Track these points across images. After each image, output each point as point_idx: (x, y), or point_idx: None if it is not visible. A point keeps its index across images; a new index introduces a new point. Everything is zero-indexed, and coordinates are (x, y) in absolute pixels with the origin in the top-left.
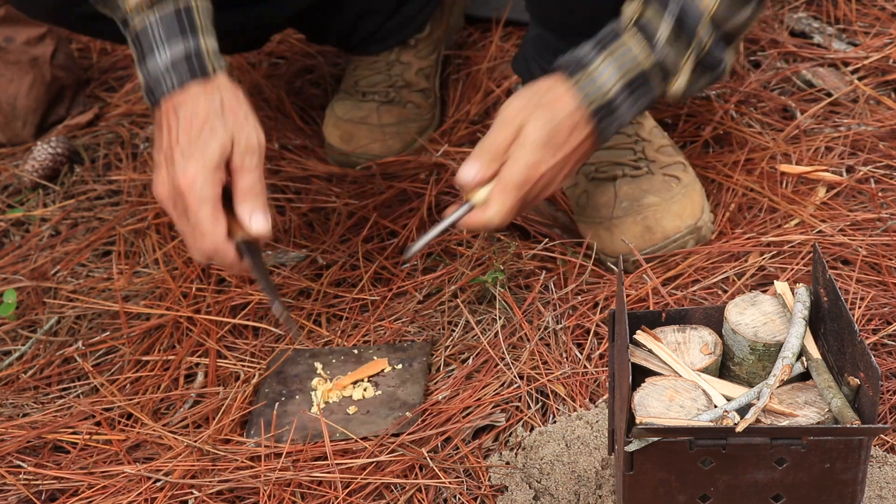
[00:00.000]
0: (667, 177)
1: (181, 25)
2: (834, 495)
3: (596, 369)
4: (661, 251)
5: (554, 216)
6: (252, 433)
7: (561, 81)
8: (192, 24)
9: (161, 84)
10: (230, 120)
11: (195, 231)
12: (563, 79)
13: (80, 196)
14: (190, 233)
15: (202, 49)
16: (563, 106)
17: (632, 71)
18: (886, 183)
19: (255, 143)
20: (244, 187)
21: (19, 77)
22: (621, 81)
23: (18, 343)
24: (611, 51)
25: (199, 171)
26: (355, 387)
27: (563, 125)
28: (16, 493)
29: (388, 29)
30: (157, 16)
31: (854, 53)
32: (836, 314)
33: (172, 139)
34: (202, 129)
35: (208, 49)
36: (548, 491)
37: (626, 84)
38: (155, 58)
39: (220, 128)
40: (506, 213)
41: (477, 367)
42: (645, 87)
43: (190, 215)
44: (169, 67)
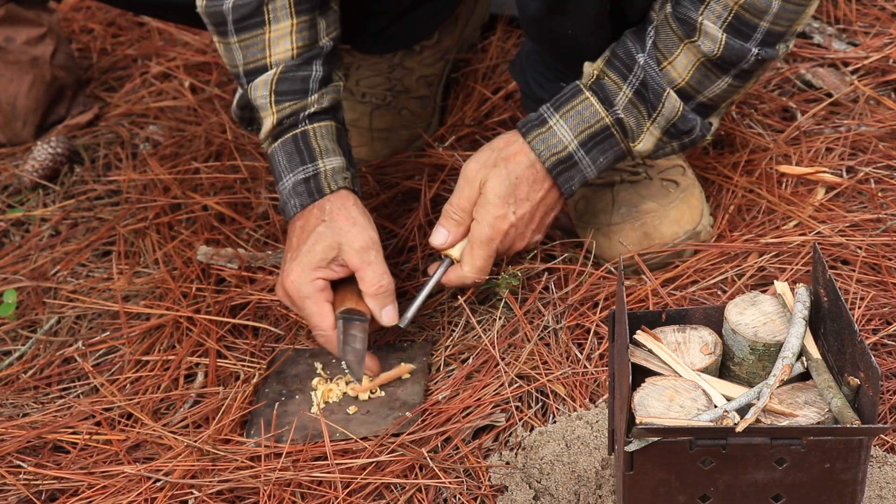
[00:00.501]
0: (665, 181)
1: (300, 154)
2: (834, 495)
3: (596, 369)
4: (659, 258)
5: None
6: (252, 433)
7: (518, 138)
8: (311, 151)
9: (288, 206)
10: (336, 227)
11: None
12: (519, 136)
13: (80, 196)
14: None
15: (320, 172)
16: (521, 161)
17: (591, 127)
18: (886, 183)
19: (367, 241)
20: (370, 282)
21: (19, 77)
22: (578, 138)
23: (18, 343)
24: (568, 108)
25: (300, 272)
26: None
27: (522, 179)
28: (16, 493)
29: (393, 31)
30: (279, 145)
31: (854, 53)
32: (836, 314)
33: (288, 246)
34: (310, 237)
35: (326, 171)
36: (548, 491)
37: (583, 141)
38: (283, 182)
39: (327, 234)
40: (479, 270)
41: (477, 367)
42: (608, 141)
43: (300, 312)
44: (291, 192)
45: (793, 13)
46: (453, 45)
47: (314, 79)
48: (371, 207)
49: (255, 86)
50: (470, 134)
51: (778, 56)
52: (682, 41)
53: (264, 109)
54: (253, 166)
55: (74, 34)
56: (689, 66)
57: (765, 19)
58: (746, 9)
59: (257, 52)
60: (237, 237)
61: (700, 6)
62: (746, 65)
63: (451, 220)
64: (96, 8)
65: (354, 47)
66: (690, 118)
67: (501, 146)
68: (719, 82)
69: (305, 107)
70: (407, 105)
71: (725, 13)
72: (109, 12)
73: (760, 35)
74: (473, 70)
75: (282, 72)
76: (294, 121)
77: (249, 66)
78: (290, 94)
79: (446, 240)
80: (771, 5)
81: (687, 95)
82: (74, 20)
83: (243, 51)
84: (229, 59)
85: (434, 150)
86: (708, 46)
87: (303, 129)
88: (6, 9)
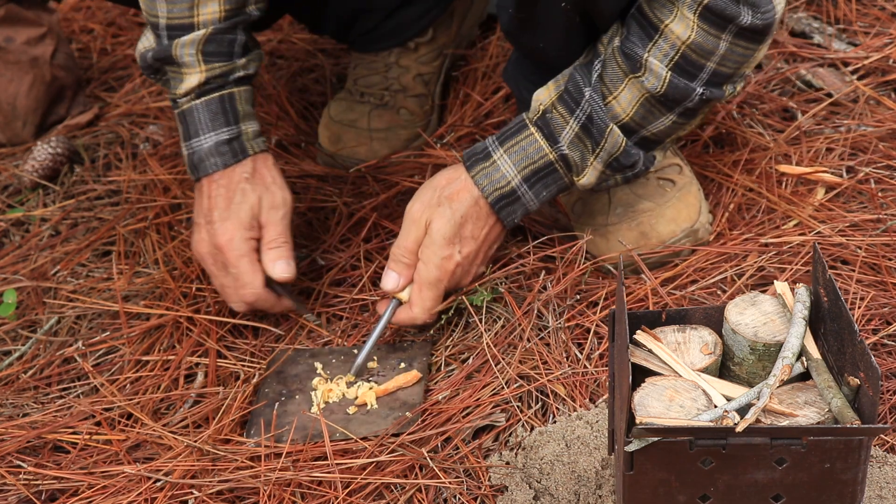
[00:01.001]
0: (661, 180)
1: (225, 115)
2: (834, 495)
3: (596, 369)
4: (657, 257)
5: (555, 218)
6: (252, 433)
7: (461, 173)
8: (235, 113)
9: (205, 163)
10: (257, 183)
11: (236, 282)
12: (463, 171)
13: (80, 196)
14: (230, 284)
15: (242, 134)
16: (464, 198)
17: (534, 163)
18: (886, 183)
19: (280, 201)
20: (269, 239)
21: (19, 77)
22: (522, 174)
23: (18, 343)
24: (513, 143)
25: (236, 229)
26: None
27: (467, 217)
28: (16, 493)
29: (385, 29)
30: (203, 102)
31: (854, 53)
32: (836, 314)
33: (213, 204)
34: (235, 194)
35: (248, 132)
36: (548, 491)
37: (526, 176)
38: (200, 140)
39: (249, 191)
40: (429, 310)
41: (477, 367)
42: (551, 176)
43: (230, 268)
44: (213, 150)
45: (741, 56)
46: (450, 42)
47: (239, 43)
48: (371, 207)
49: (181, 43)
50: (469, 134)
51: (724, 97)
52: (626, 76)
53: (191, 66)
54: None
55: (74, 34)
56: (633, 101)
57: (711, 60)
58: (693, 49)
59: (184, 9)
60: None
61: (648, 43)
62: (691, 104)
63: (400, 262)
64: (96, 8)
65: (350, 46)
66: (633, 153)
67: (444, 184)
68: (663, 119)
69: (234, 69)
70: (405, 104)
71: (672, 52)
72: (109, 12)
73: (706, 75)
74: (473, 69)
75: (210, 33)
76: (222, 82)
77: (174, 22)
78: (216, 56)
79: (398, 283)
80: (718, 46)
81: (630, 130)
82: (74, 20)
83: (168, 4)
84: (149, 6)
85: (433, 149)
86: (652, 83)
87: (229, 91)
88: (6, 9)
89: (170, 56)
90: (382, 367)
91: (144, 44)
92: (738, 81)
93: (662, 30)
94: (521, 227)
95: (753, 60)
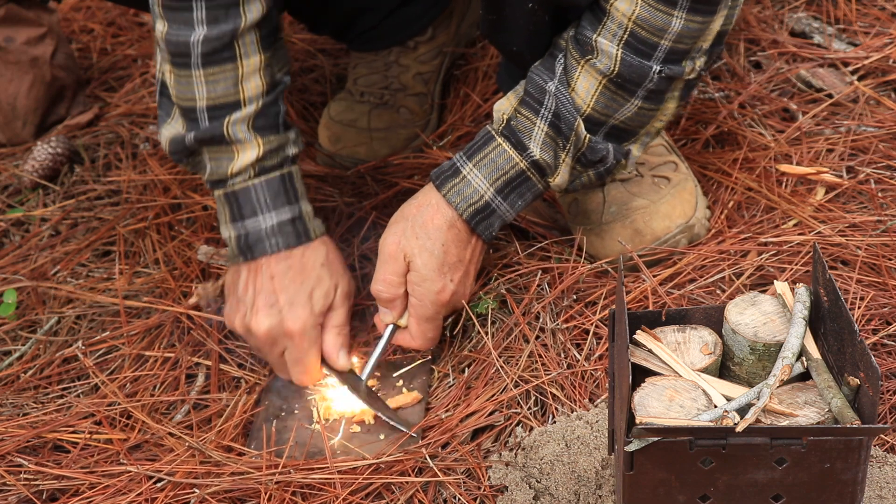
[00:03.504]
0: (656, 178)
1: (286, 194)
2: (834, 495)
3: (595, 369)
4: (652, 253)
5: (553, 218)
6: (253, 446)
7: (431, 196)
8: (295, 192)
9: (264, 244)
10: (334, 272)
11: (298, 367)
12: (433, 192)
13: (80, 196)
14: (282, 365)
15: (304, 215)
16: (439, 224)
17: (506, 174)
18: (886, 183)
19: (351, 290)
20: (335, 325)
21: (19, 77)
22: (494, 186)
23: (18, 343)
24: (481, 156)
25: (309, 317)
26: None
27: (448, 244)
28: (16, 493)
29: (385, 28)
30: (264, 182)
31: (854, 53)
32: (836, 314)
33: (278, 287)
34: (309, 279)
35: (308, 214)
36: (548, 491)
37: (499, 188)
38: (257, 219)
39: (326, 279)
40: (432, 340)
41: (476, 372)
42: (525, 185)
43: (297, 355)
44: (275, 230)
45: (696, 31)
46: (449, 41)
47: (283, 114)
48: (371, 207)
49: (232, 121)
50: (469, 133)
51: (684, 73)
52: (579, 62)
53: (246, 142)
54: None
55: (74, 34)
56: (591, 89)
57: (665, 37)
58: (642, 26)
59: (229, 86)
60: None
61: (598, 26)
62: (651, 84)
63: (386, 299)
64: (96, 8)
65: (350, 45)
66: (599, 148)
67: (415, 212)
68: (628, 105)
69: (287, 143)
70: (405, 103)
71: (620, 31)
72: (109, 12)
73: (662, 53)
74: (473, 69)
75: (260, 108)
76: (282, 158)
77: (216, 102)
78: (268, 130)
79: (394, 318)
80: (671, 23)
81: (596, 121)
82: (74, 20)
83: (208, 85)
84: (184, 91)
85: (433, 149)
86: (605, 64)
87: (288, 169)
88: (6, 9)
89: (220, 135)
90: (382, 385)
91: (172, 130)
92: (696, 57)
93: (609, 10)
94: (520, 228)
95: (710, 33)
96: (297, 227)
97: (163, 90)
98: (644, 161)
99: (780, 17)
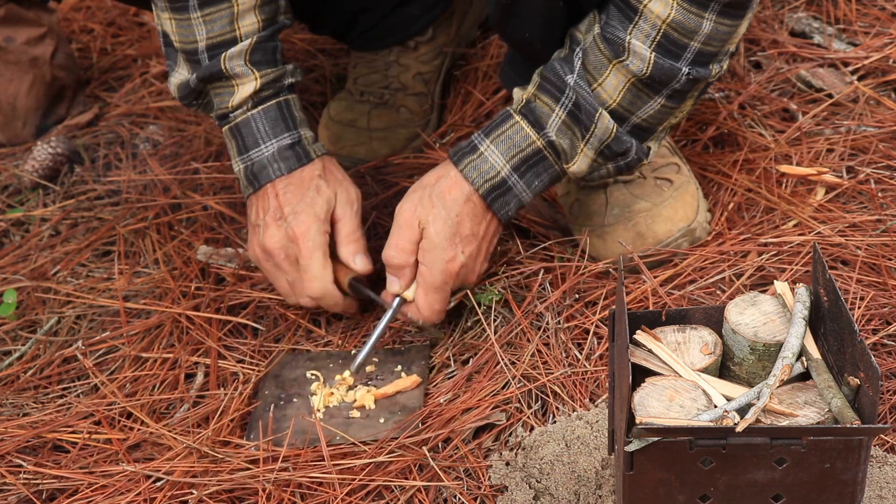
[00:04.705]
0: (658, 180)
1: (284, 121)
2: (834, 495)
3: (596, 369)
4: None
5: (554, 218)
6: (251, 437)
7: (449, 169)
8: (293, 118)
9: (267, 170)
10: (331, 180)
11: (304, 276)
12: (451, 167)
13: (80, 196)
14: (297, 279)
15: (304, 139)
16: (456, 196)
17: (522, 151)
18: (886, 183)
19: (353, 197)
20: (346, 234)
21: (19, 77)
22: (511, 163)
23: (18, 343)
24: (498, 133)
25: (311, 221)
26: (356, 391)
27: (463, 216)
28: (16, 493)
29: (385, 27)
30: (261, 111)
31: (854, 53)
32: (836, 314)
33: (283, 202)
34: (309, 189)
35: (308, 138)
36: (548, 491)
37: (516, 165)
38: (260, 149)
39: (324, 187)
40: (437, 313)
41: (477, 368)
42: (541, 164)
43: (302, 261)
44: (276, 156)
45: (725, 33)
46: (449, 41)
47: (279, 50)
48: (371, 207)
49: (229, 56)
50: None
51: (710, 76)
52: (610, 62)
53: (243, 76)
54: None
55: (74, 34)
56: (619, 86)
57: (696, 39)
58: (675, 28)
59: (225, 25)
60: (237, 237)
61: (629, 25)
62: (678, 84)
63: (397, 265)
64: (96, 8)
65: (350, 45)
66: (625, 140)
67: (433, 182)
68: (651, 103)
69: (284, 74)
70: (404, 103)
71: (654, 32)
72: (109, 12)
73: (691, 55)
74: (474, 69)
75: (255, 43)
76: (278, 88)
77: (215, 41)
78: (265, 63)
79: (401, 287)
80: (702, 26)
81: (620, 117)
82: (74, 20)
83: (206, 25)
84: (185, 35)
85: (433, 150)
86: (637, 66)
87: (285, 97)
88: (6, 9)
89: (218, 72)
90: (381, 370)
91: (179, 77)
92: (723, 60)
93: (642, 10)
94: (522, 228)
95: (736, 36)
96: (296, 150)
97: (166, 40)
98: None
99: (780, 17)
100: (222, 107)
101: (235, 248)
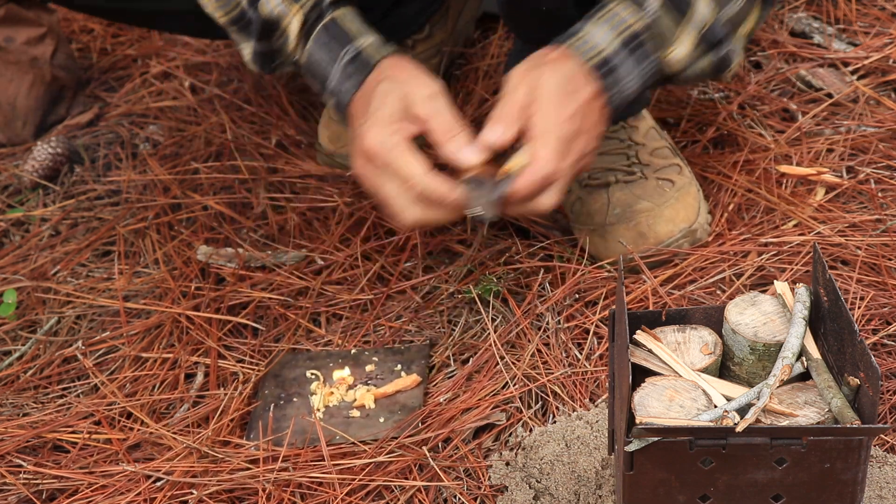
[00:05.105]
0: (660, 181)
1: (336, 40)
2: (834, 495)
3: (596, 369)
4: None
5: (554, 218)
6: (251, 437)
7: (556, 47)
8: (345, 34)
9: (342, 96)
10: (399, 79)
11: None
12: (558, 45)
13: (80, 196)
14: (397, 186)
15: (362, 50)
16: (566, 63)
17: (630, 27)
18: (886, 183)
19: (432, 89)
20: (440, 131)
21: (19, 77)
22: (617, 40)
23: (18, 343)
24: (602, 14)
25: (378, 129)
26: (355, 390)
27: (574, 74)
28: (16, 493)
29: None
30: (313, 42)
31: (854, 53)
32: (836, 314)
33: (357, 121)
34: (374, 98)
35: (365, 47)
36: (548, 491)
37: (622, 42)
38: (330, 79)
39: (390, 89)
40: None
41: (477, 368)
42: (641, 49)
43: (389, 167)
44: (342, 78)
45: None
46: (447, 38)
47: None
48: (371, 207)
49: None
50: None
51: None
52: None
53: (285, 15)
54: (252, 166)
55: (74, 34)
56: None
57: None
58: None
59: None
60: (237, 237)
61: None
62: None
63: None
64: None
65: None
66: (719, 30)
67: (541, 54)
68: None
69: None
70: None
71: None
72: None
73: None
74: (474, 69)
75: None
76: (319, 13)
77: None
78: None
79: (502, 135)
80: None
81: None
82: (74, 20)
83: None
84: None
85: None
86: None
87: (331, 16)
88: (6, 9)
89: (266, 20)
90: (380, 370)
91: (247, 50)
92: None
93: None
94: (522, 228)
95: None
96: (357, 64)
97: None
98: (649, 163)
99: (780, 16)
100: (289, 55)
101: (235, 248)
